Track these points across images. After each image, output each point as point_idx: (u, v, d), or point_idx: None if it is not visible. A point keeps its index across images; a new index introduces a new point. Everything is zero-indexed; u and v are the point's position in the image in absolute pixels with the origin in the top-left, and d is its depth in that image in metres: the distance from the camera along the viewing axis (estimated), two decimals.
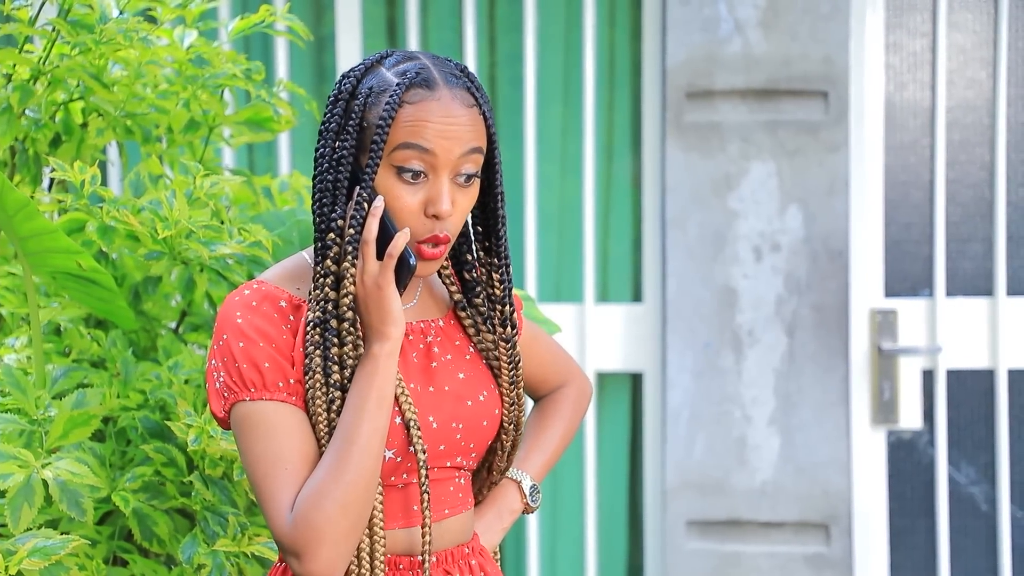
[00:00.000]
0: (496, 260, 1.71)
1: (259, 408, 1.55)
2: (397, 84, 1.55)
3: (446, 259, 1.74)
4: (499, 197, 1.68)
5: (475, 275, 1.72)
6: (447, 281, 1.74)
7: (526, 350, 1.86)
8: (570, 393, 1.96)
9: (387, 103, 1.54)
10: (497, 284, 1.71)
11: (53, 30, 2.28)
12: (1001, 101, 3.37)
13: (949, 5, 3.40)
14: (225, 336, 1.57)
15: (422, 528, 1.61)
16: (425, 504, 1.60)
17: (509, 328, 1.72)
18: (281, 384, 1.56)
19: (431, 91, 1.55)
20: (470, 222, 1.71)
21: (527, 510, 1.87)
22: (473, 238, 1.72)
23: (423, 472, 1.59)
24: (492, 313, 1.72)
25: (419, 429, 1.59)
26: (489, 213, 1.69)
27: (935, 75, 3.39)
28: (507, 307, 1.71)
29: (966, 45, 3.41)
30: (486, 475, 1.82)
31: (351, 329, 1.58)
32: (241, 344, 1.56)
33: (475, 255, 1.72)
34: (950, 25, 3.41)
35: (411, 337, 1.68)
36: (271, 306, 1.59)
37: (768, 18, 3.28)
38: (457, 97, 1.57)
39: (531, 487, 1.86)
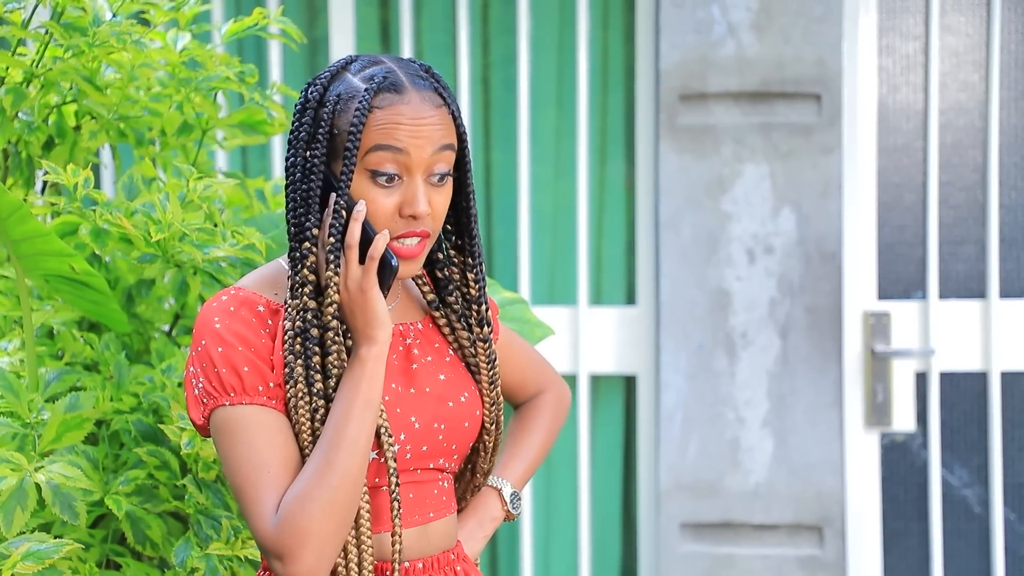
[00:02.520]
0: (470, 260, 1.71)
1: (239, 412, 1.55)
2: (366, 89, 1.55)
3: None
4: (470, 195, 1.68)
5: (447, 273, 1.72)
6: (419, 281, 1.74)
7: (503, 356, 1.86)
8: (549, 400, 1.96)
9: (357, 109, 1.54)
10: (472, 284, 1.72)
11: (46, 33, 2.27)
12: (994, 104, 3.38)
13: (942, 8, 3.41)
14: (204, 342, 1.57)
15: (391, 536, 1.61)
16: (395, 512, 1.60)
17: (486, 328, 1.72)
18: (261, 388, 1.56)
19: (400, 95, 1.56)
20: (454, 215, 1.71)
21: (508, 517, 1.87)
22: (443, 236, 1.72)
23: (393, 480, 1.59)
24: (467, 311, 1.73)
25: (391, 437, 1.59)
26: (461, 212, 1.70)
27: (928, 78, 3.39)
28: (482, 306, 1.72)
29: (959, 48, 3.42)
30: (469, 477, 1.82)
31: (336, 338, 1.57)
32: (220, 349, 1.55)
33: (446, 253, 1.72)
34: (943, 28, 3.41)
35: (391, 339, 1.68)
36: (249, 311, 1.59)
37: (761, 20, 3.28)
38: (426, 99, 1.57)
39: (512, 494, 1.86)
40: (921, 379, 3.41)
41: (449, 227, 1.71)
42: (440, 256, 1.72)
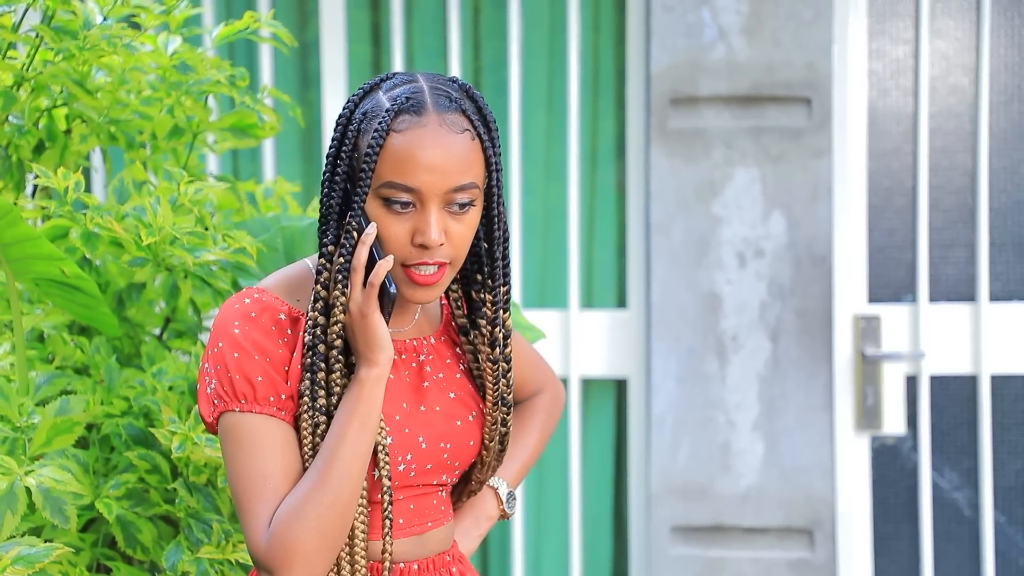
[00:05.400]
0: (489, 281, 1.69)
1: (247, 420, 1.55)
2: (386, 111, 1.53)
3: (455, 283, 1.74)
4: (494, 220, 1.65)
5: (482, 296, 1.71)
6: (454, 305, 1.74)
7: None
8: (544, 400, 1.97)
9: (375, 131, 1.53)
10: (488, 305, 1.70)
11: (36, 36, 2.27)
12: (983, 107, 3.38)
13: (932, 12, 3.42)
14: (220, 344, 1.57)
15: (382, 552, 1.61)
16: (387, 530, 1.60)
17: (496, 350, 1.70)
18: (272, 399, 1.56)
19: (419, 117, 1.53)
20: (482, 237, 1.68)
21: (503, 516, 1.88)
22: (484, 256, 1.70)
23: (387, 498, 1.59)
24: (488, 331, 1.71)
25: (387, 455, 1.59)
26: (487, 235, 1.67)
27: (918, 82, 3.40)
28: (496, 328, 1.70)
29: (948, 52, 3.43)
30: (463, 485, 1.82)
31: (339, 357, 1.57)
32: (236, 355, 1.56)
33: (483, 275, 1.70)
34: (933, 32, 3.42)
35: (404, 356, 1.68)
36: (270, 318, 1.59)
37: (751, 24, 3.29)
38: (447, 122, 1.54)
39: (508, 494, 1.87)
40: (911, 382, 3.42)
41: (484, 246, 1.69)
42: (479, 277, 1.70)
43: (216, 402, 1.57)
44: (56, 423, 1.93)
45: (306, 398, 1.56)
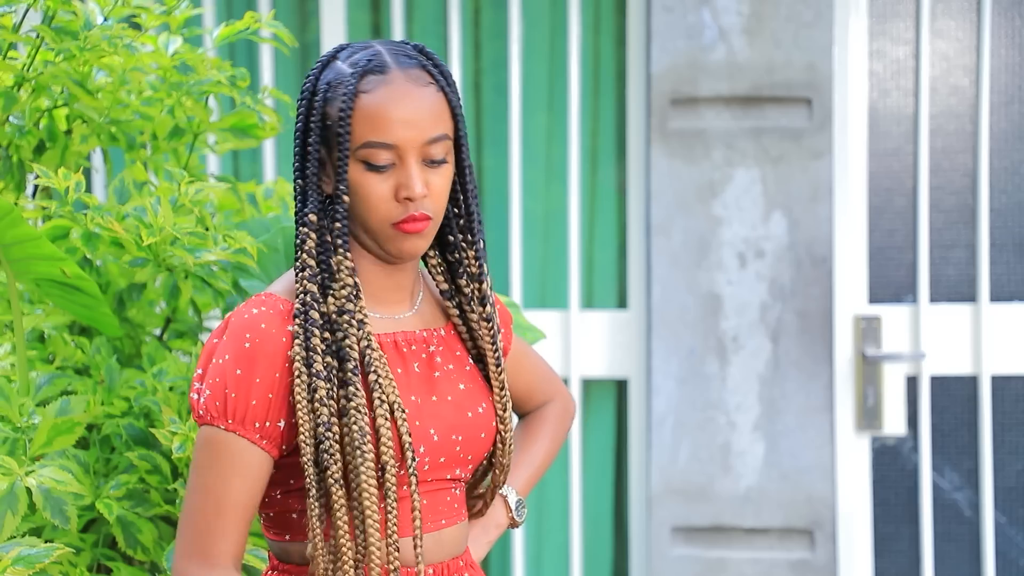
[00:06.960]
0: (469, 236, 1.70)
1: (229, 441, 1.54)
2: (351, 74, 1.56)
3: (432, 249, 1.74)
4: (466, 171, 1.67)
5: (458, 256, 1.71)
6: (435, 271, 1.74)
7: (514, 365, 1.87)
8: (555, 410, 1.96)
9: (343, 95, 1.55)
10: (472, 261, 1.71)
11: (37, 36, 2.27)
12: (984, 108, 3.38)
13: (932, 12, 3.42)
14: (227, 356, 1.56)
15: (412, 518, 1.59)
16: (413, 487, 1.58)
17: (488, 307, 1.71)
18: (258, 424, 1.55)
19: (384, 75, 1.56)
20: (456, 189, 1.69)
21: (513, 524, 1.86)
22: (454, 220, 1.71)
23: (409, 454, 1.57)
24: (472, 290, 1.71)
25: (404, 411, 1.58)
26: (459, 188, 1.69)
27: (918, 82, 3.40)
28: (483, 284, 1.71)
29: (949, 52, 3.43)
30: (486, 469, 1.79)
31: (351, 320, 1.57)
32: (238, 372, 1.55)
33: (456, 237, 1.71)
34: (933, 32, 3.42)
35: (414, 347, 1.67)
36: (280, 328, 1.57)
37: (752, 25, 3.29)
38: (411, 77, 1.58)
39: (517, 501, 1.86)
40: (912, 383, 3.42)
41: (455, 210, 1.70)
42: (451, 239, 1.71)
43: (202, 412, 1.56)
44: (57, 423, 1.93)
45: (298, 363, 1.54)
